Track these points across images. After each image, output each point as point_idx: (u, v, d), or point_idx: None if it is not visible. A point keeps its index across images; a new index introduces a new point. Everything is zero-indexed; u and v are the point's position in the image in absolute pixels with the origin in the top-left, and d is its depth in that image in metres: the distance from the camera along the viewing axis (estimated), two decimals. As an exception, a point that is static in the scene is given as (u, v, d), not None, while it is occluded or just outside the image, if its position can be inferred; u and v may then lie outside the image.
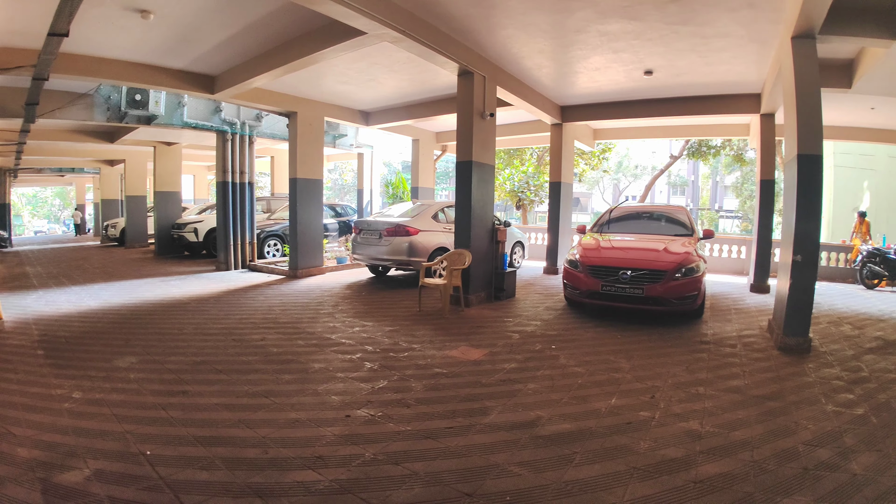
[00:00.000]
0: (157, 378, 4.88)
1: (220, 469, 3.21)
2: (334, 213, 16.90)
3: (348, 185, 46.94)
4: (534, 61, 9.07)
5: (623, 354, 5.98)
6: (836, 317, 8.50)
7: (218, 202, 13.17)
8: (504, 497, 2.98)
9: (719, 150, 21.79)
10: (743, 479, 3.23)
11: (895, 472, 3.31)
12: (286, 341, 6.23)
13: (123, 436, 3.63)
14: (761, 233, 10.79)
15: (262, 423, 3.87)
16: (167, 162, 16.84)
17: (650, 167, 43.16)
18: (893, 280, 12.13)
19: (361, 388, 4.69)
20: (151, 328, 6.83)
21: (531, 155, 23.80)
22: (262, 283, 10.71)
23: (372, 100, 12.38)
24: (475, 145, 8.56)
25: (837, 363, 5.82)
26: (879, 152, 22.89)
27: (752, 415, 4.28)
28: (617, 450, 3.60)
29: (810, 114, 6.07)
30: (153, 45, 8.41)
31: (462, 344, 6.27)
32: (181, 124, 12.70)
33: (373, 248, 10.45)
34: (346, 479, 3.12)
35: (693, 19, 6.96)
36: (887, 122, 12.32)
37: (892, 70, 7.73)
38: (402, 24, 6.70)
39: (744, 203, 36.04)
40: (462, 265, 8.15)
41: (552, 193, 13.43)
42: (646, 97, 11.28)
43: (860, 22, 6.17)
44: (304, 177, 11.72)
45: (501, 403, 4.40)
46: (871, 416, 4.27)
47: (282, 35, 7.94)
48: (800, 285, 6.15)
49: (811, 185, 6.11)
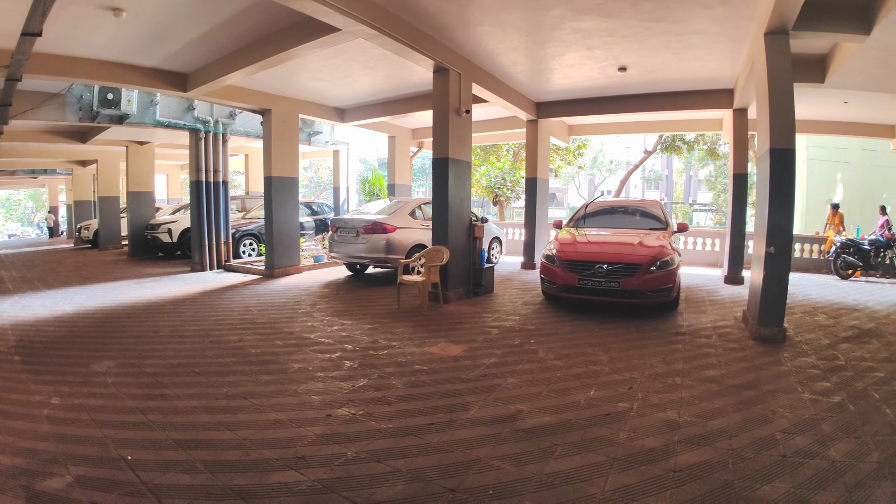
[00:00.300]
0: (135, 382, 4.81)
1: (201, 472, 3.17)
2: (310, 211, 16.77)
3: (324, 182, 46.62)
4: (509, 58, 9.09)
5: (601, 347, 6.05)
6: (811, 307, 8.69)
7: (192, 202, 12.98)
8: (487, 491, 3.00)
9: (693, 145, 22.08)
10: (721, 467, 3.29)
11: (874, 459, 3.39)
12: (264, 342, 6.18)
13: (103, 441, 3.58)
14: (735, 225, 10.99)
15: (242, 425, 3.83)
16: (140, 161, 16.54)
17: (625, 162, 43.64)
18: (867, 270, 12.43)
19: (342, 386, 4.68)
20: (127, 331, 6.72)
21: (507, 151, 23.89)
22: (239, 284, 10.59)
23: (347, 97, 12.30)
24: (451, 142, 8.56)
25: (813, 352, 5.95)
26: (853, 145, 23.42)
27: (729, 404, 4.36)
28: (597, 441, 3.64)
29: (783, 108, 6.18)
30: (126, 44, 8.25)
31: (441, 340, 6.28)
32: (154, 123, 12.48)
33: (350, 246, 10.39)
34: (329, 479, 3.11)
35: (667, 17, 7.04)
36: (860, 115, 12.58)
37: (865, 64, 7.88)
38: (378, 21, 6.67)
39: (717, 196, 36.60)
40: (440, 262, 8.16)
41: (528, 189, 13.50)
42: (620, 93, 11.39)
43: (834, 17, 6.26)
44: (279, 175, 11.60)
45: (482, 398, 4.42)
46: (848, 404, 4.37)
47: (255, 32, 7.84)
48: (773, 276, 6.27)
49: (784, 178, 6.24)
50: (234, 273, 12.22)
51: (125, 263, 14.13)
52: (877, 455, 3.44)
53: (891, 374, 5.19)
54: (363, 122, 13.78)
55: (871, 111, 12.09)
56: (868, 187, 23.72)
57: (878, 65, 7.90)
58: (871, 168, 24.06)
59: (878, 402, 4.41)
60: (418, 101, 11.95)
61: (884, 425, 3.94)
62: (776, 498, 2.94)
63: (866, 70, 8.19)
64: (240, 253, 14.02)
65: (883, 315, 8.13)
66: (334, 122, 13.58)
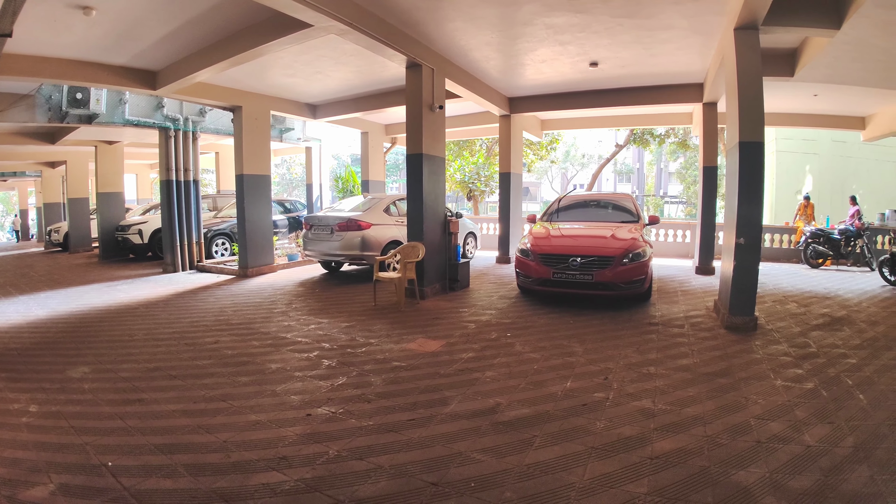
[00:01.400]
0: (112, 387, 4.73)
1: (183, 476, 3.15)
2: (283, 209, 16.62)
3: (297, 179, 46.07)
4: (482, 53, 9.12)
5: (576, 339, 6.13)
6: (782, 296, 8.90)
7: (162, 202, 12.75)
8: (468, 484, 3.04)
9: (663, 139, 22.37)
10: (697, 453, 3.38)
11: (850, 443, 3.49)
12: (241, 343, 6.12)
13: (84, 448, 3.52)
14: (705, 217, 11.19)
15: (221, 428, 3.81)
16: (109, 162, 16.18)
17: (597, 156, 44.04)
18: (838, 259, 12.75)
19: (320, 385, 4.67)
20: (102, 336, 6.59)
21: (481, 146, 23.94)
22: (212, 284, 10.46)
23: (319, 93, 12.20)
24: (425, 138, 8.56)
25: (784, 340, 6.11)
26: (822, 137, 23.92)
27: (703, 392, 4.47)
28: (574, 431, 3.71)
29: (752, 102, 6.31)
30: (95, 42, 8.10)
31: (419, 336, 6.30)
32: (123, 122, 12.23)
33: (325, 243, 10.33)
34: (312, 478, 3.11)
35: (638, 12, 7.13)
36: (830, 107, 12.86)
37: (835, 58, 8.05)
38: (349, 17, 6.63)
39: (688, 188, 37.12)
40: (416, 258, 8.17)
41: (502, 184, 13.57)
42: (592, 88, 11.50)
43: (804, 12, 6.38)
44: (250, 173, 11.46)
45: (461, 392, 4.46)
46: (821, 390, 4.50)
47: (226, 28, 7.73)
48: (744, 266, 6.42)
49: (753, 170, 6.38)
50: (207, 273, 12.06)
51: (96, 266, 13.85)
52: (852, 440, 3.54)
53: (863, 360, 5.35)
54: (336, 119, 13.68)
55: (841, 104, 12.38)
56: (838, 178, 24.28)
57: (849, 58, 8.07)
58: (840, 159, 24.61)
59: (851, 388, 4.54)
60: (391, 96, 11.90)
61: (858, 411, 4.05)
62: (752, 483, 3.03)
63: (836, 64, 8.36)
64: (212, 253, 13.82)
65: (854, 303, 8.36)
66: (306, 118, 13.46)
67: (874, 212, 15.86)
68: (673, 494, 2.92)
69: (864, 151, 23.48)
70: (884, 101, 11.76)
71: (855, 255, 12.76)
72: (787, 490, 2.95)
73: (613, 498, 2.89)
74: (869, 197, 22.40)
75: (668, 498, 2.89)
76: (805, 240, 13.06)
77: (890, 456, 3.32)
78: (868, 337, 6.28)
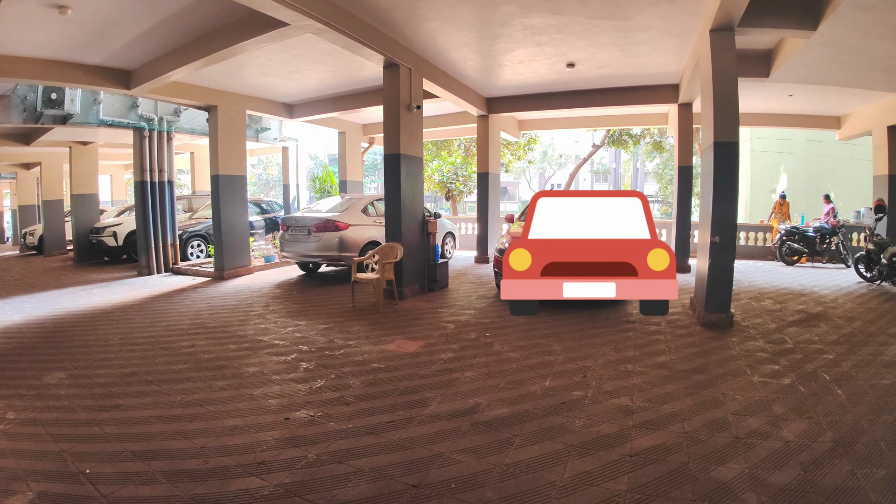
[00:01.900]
0: (88, 393, 4.63)
1: (161, 483, 3.10)
2: (260, 209, 16.44)
3: (274, 179, 45.55)
4: (459, 54, 9.12)
5: (554, 338, 6.17)
6: (757, 292, 9.04)
7: (137, 203, 12.53)
8: (449, 485, 3.03)
9: (639, 139, 22.57)
10: (676, 450, 3.41)
11: (829, 438, 3.54)
12: (217, 346, 6.04)
13: (61, 455, 3.45)
14: (680, 216, 11.33)
15: (199, 433, 3.75)
16: (83, 163, 15.83)
17: (574, 156, 44.23)
18: (813, 256, 12.98)
19: (299, 389, 4.62)
20: (77, 340, 6.45)
21: (459, 146, 23.94)
22: (188, 287, 10.31)
23: (296, 92, 12.09)
24: (403, 138, 8.53)
25: (760, 336, 6.21)
26: (797, 136, 24.26)
27: (681, 388, 4.52)
28: (554, 430, 3.73)
29: (727, 103, 6.40)
30: (70, 41, 7.96)
31: (398, 337, 6.28)
32: (97, 122, 12.00)
33: (302, 244, 10.25)
34: (291, 483, 3.08)
35: (615, 14, 7.18)
36: (806, 107, 13.10)
37: (811, 59, 8.15)
38: (326, 16, 6.58)
39: (664, 188, 37.46)
40: (394, 258, 8.14)
41: (480, 184, 13.60)
42: (569, 89, 11.57)
43: (780, 13, 6.46)
44: (226, 173, 11.30)
45: (440, 393, 4.45)
46: (798, 386, 4.57)
47: (201, 27, 7.62)
48: (719, 264, 6.51)
49: (728, 170, 6.47)
50: (182, 276, 11.88)
51: (71, 269, 13.56)
52: (831, 435, 3.60)
53: (841, 356, 5.44)
54: (313, 118, 13.57)
55: (816, 104, 12.60)
56: (812, 177, 24.64)
57: (825, 59, 8.17)
58: (815, 158, 24.98)
59: (829, 384, 4.61)
60: (369, 96, 11.83)
61: (836, 406, 4.12)
62: (732, 478, 3.06)
63: (812, 64, 8.46)
64: (188, 255, 13.62)
65: (830, 299, 8.51)
66: (283, 118, 13.33)
67: (849, 210, 16.16)
68: (652, 491, 2.94)
69: (839, 150, 23.82)
70: (860, 101, 11.99)
71: (830, 252, 13.01)
72: (767, 485, 2.98)
73: (594, 496, 2.91)
74: (844, 195, 22.76)
75: (648, 495, 2.91)
76: (780, 237, 13.27)
77: (870, 450, 3.37)
78: (845, 333, 6.39)
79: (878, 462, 3.22)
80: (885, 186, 11.60)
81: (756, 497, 2.87)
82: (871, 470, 3.13)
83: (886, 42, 7.19)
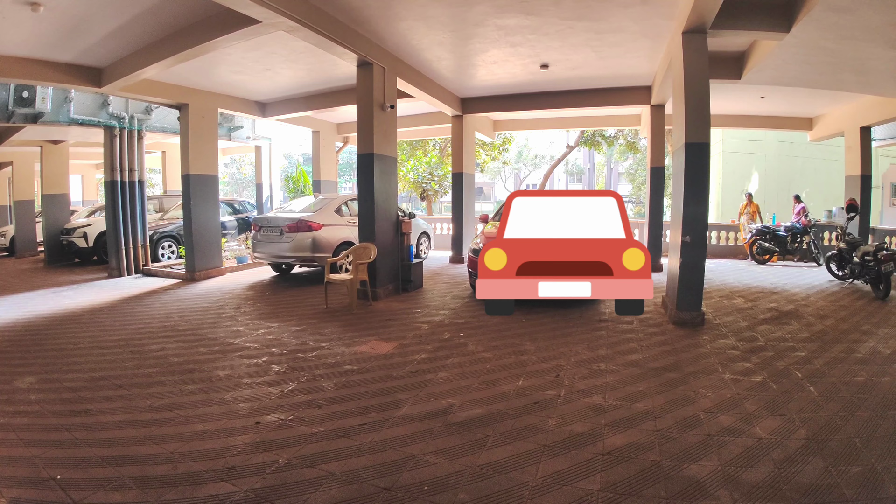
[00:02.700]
0: (58, 398, 4.53)
1: (131, 489, 3.04)
2: (232, 209, 16.22)
3: (247, 179, 44.98)
4: (434, 53, 9.11)
5: (528, 337, 6.20)
6: (729, 291, 9.19)
7: (107, 203, 12.24)
8: (422, 487, 3.02)
9: (612, 140, 22.77)
10: (648, 448, 3.44)
11: (802, 435, 3.59)
12: (187, 350, 5.93)
13: (33, 461, 3.37)
14: (653, 216, 11.47)
15: (168, 438, 3.68)
16: (54, 162, 15.45)
17: (549, 156, 44.48)
18: (784, 255, 13.22)
19: (270, 392, 4.56)
20: (48, 344, 6.29)
21: (434, 146, 23.93)
22: (159, 289, 10.12)
23: (269, 90, 11.94)
24: (376, 137, 8.50)
25: (732, 334, 6.31)
26: (769, 137, 24.69)
27: (653, 386, 4.57)
28: (527, 429, 3.74)
29: (698, 105, 6.49)
30: (42, 39, 7.82)
31: (371, 338, 6.25)
32: (68, 121, 11.71)
33: (274, 245, 10.14)
34: (262, 488, 3.03)
35: (588, 15, 7.23)
36: (778, 109, 13.34)
37: (783, 61, 8.25)
38: (298, 14, 6.51)
39: (637, 188, 37.91)
40: (368, 259, 8.10)
41: (455, 184, 13.61)
42: (543, 90, 11.64)
43: (753, 16, 6.53)
44: (197, 172, 11.11)
45: (413, 395, 4.44)
46: (770, 383, 4.64)
47: (172, 24, 7.49)
48: (690, 263, 6.61)
49: (699, 171, 6.56)
50: (153, 278, 11.65)
51: (42, 271, 13.23)
52: (804, 432, 3.65)
53: (813, 353, 5.54)
54: (286, 117, 13.44)
55: (788, 105, 12.83)
56: (784, 178, 25.11)
57: (797, 61, 8.27)
58: (787, 159, 25.45)
59: (801, 381, 4.69)
60: (343, 95, 11.74)
61: (809, 403, 4.18)
62: (705, 476, 3.09)
63: (784, 66, 8.57)
64: (158, 256, 13.37)
65: (801, 297, 8.68)
66: (256, 116, 13.17)
67: (821, 209, 16.50)
68: (625, 490, 2.96)
69: (810, 151, 24.24)
70: (832, 103, 12.21)
71: (802, 251, 13.27)
72: (740, 483, 3.01)
73: (566, 495, 2.92)
74: (815, 195, 23.21)
75: (621, 493, 2.93)
76: (751, 237, 13.49)
77: (845, 447, 3.41)
78: (817, 330, 6.51)
79: (853, 459, 3.26)
80: (857, 186, 11.84)
81: (729, 494, 2.90)
82: (846, 467, 3.16)
83: (860, 44, 7.30)
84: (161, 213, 15.46)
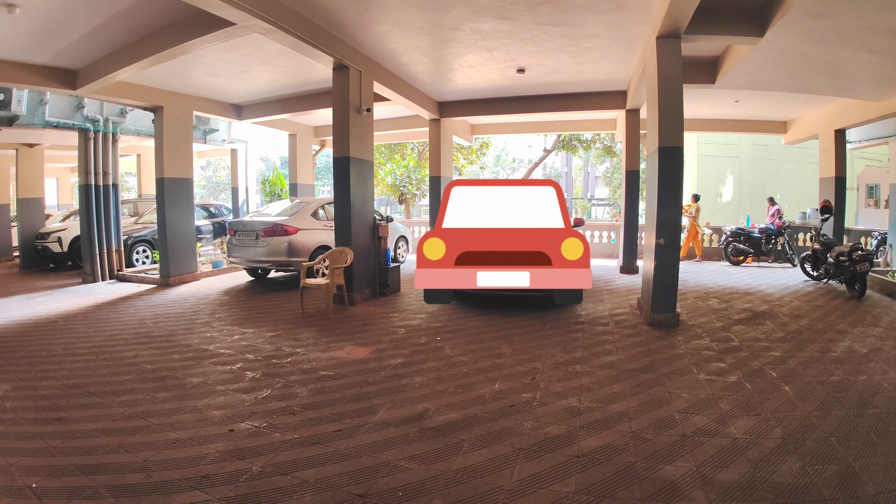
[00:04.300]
0: (32, 406, 4.45)
1: (105, 498, 2.99)
2: (207, 213, 16.02)
3: (222, 182, 44.52)
4: (410, 57, 9.12)
5: (504, 340, 6.23)
6: (703, 292, 9.31)
7: (81, 207, 12.01)
8: (396, 493, 3.01)
9: (589, 144, 22.98)
10: (623, 449, 3.47)
11: (777, 435, 3.64)
12: (161, 356, 5.84)
13: (8, 469, 3.32)
14: (628, 219, 11.61)
15: (141, 446, 3.62)
16: (29, 165, 15.11)
17: (527, 160, 44.76)
18: (759, 256, 13.43)
19: (244, 399, 4.52)
20: (21, 351, 6.17)
21: (412, 149, 23.94)
22: (133, 295, 9.95)
23: (244, 93, 11.84)
24: (352, 140, 8.47)
25: (706, 335, 6.39)
26: (744, 141, 25.13)
27: (628, 388, 4.61)
28: (502, 433, 3.75)
29: (672, 109, 6.57)
30: (17, 41, 7.69)
31: (348, 343, 6.22)
32: (43, 124, 11.50)
33: (250, 249, 10.05)
34: (235, 496, 3.00)
35: (563, 20, 7.29)
36: (752, 113, 13.53)
37: (757, 65, 8.37)
38: (274, 16, 6.47)
39: (614, 192, 38.31)
40: (344, 263, 8.06)
41: (432, 188, 13.64)
42: (519, 94, 11.72)
43: (727, 20, 6.62)
44: (172, 176, 10.96)
45: (389, 400, 4.43)
46: (745, 383, 4.70)
47: (148, 26, 7.39)
48: (664, 265, 6.69)
49: (672, 174, 6.66)
50: (127, 283, 11.45)
51: (17, 277, 12.92)
52: (779, 431, 3.70)
53: (787, 353, 5.62)
54: (262, 120, 13.33)
55: (762, 109, 13.03)
56: (759, 180, 25.56)
57: (771, 65, 8.40)
58: (761, 162, 25.91)
59: (776, 381, 4.76)
60: (319, 98, 11.69)
61: (784, 402, 4.24)
62: (680, 477, 3.12)
63: (759, 70, 8.69)
64: (133, 261, 13.15)
65: (776, 297, 8.81)
66: (231, 119, 13.04)
67: (795, 211, 16.81)
68: (600, 492, 2.98)
69: (784, 154, 24.67)
70: (805, 106, 12.42)
71: (776, 252, 13.49)
72: (715, 483, 3.04)
73: (542, 498, 2.94)
74: (789, 197, 23.65)
75: (596, 496, 2.95)
76: (726, 238, 13.66)
77: (821, 447, 3.45)
78: (791, 330, 6.61)
79: (830, 458, 3.30)
80: (831, 188, 12.05)
81: (705, 495, 2.93)
82: (823, 466, 3.20)
83: (834, 48, 7.42)
84: (136, 217, 15.23)
